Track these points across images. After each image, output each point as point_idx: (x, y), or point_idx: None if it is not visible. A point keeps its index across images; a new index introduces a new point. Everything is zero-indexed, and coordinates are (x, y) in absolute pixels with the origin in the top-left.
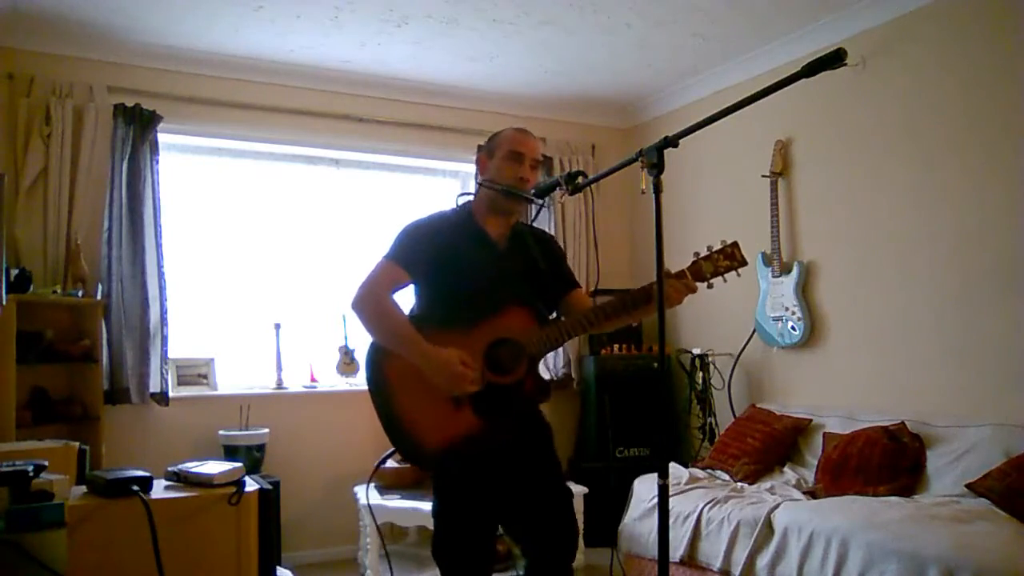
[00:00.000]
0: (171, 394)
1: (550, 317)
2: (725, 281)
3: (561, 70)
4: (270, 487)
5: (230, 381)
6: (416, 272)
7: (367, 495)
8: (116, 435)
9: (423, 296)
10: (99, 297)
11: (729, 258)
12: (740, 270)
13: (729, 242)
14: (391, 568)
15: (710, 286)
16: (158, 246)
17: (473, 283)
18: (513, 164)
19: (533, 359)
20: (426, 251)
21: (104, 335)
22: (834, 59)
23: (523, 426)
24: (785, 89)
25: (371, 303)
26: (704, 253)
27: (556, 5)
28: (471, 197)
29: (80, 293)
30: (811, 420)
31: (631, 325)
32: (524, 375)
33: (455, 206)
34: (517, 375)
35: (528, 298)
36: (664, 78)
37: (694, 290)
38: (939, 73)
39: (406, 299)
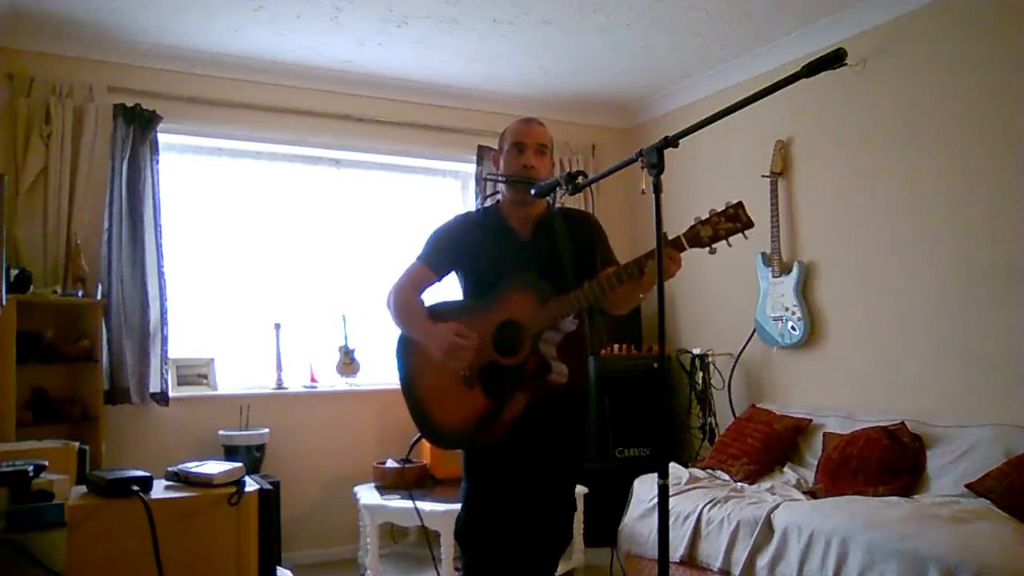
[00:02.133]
0: (171, 394)
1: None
2: (730, 245)
3: (561, 70)
4: (270, 487)
5: (230, 381)
6: (442, 269)
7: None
8: (116, 435)
9: (461, 289)
10: (99, 297)
11: (732, 219)
12: (747, 233)
13: (733, 202)
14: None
15: (712, 251)
16: (158, 246)
17: (491, 273)
18: (516, 154)
19: (535, 339)
20: (449, 249)
21: (104, 335)
22: (834, 59)
23: (541, 411)
24: (785, 89)
25: (396, 300)
26: (704, 216)
27: (556, 5)
28: (499, 196)
29: (80, 293)
30: (811, 420)
31: (636, 305)
32: (527, 355)
33: (484, 205)
34: (520, 355)
35: (532, 281)
36: (664, 78)
37: (677, 256)
38: (939, 73)
39: (451, 293)
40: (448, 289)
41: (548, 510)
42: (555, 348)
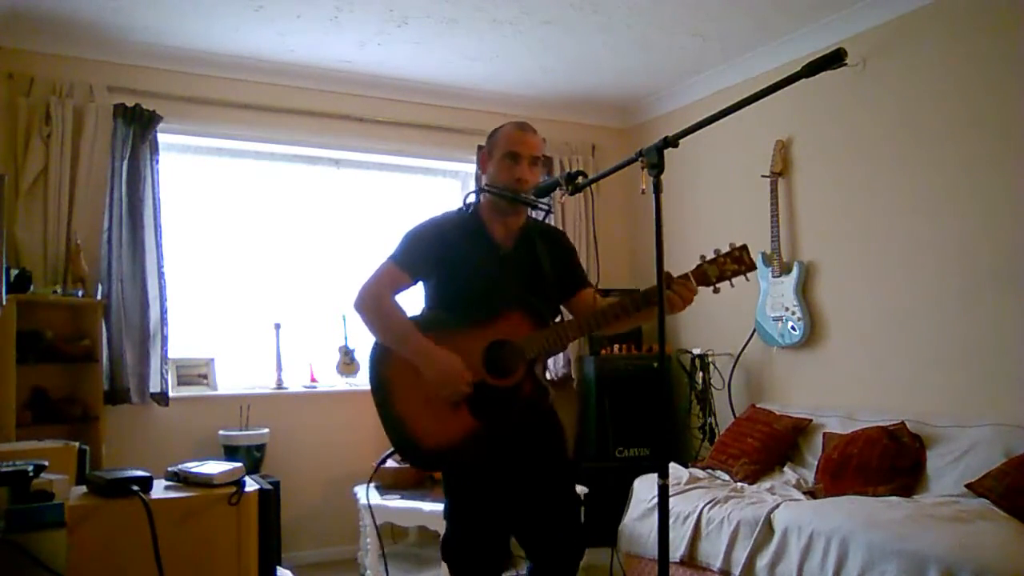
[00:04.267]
0: (171, 394)
1: (555, 320)
2: (732, 286)
3: (561, 70)
4: (270, 487)
5: (230, 381)
6: (418, 274)
7: (367, 495)
8: (116, 435)
9: (428, 297)
10: (99, 297)
11: (737, 262)
12: (748, 274)
13: (738, 245)
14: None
15: (716, 291)
16: (158, 246)
17: (474, 286)
18: (510, 165)
19: (531, 362)
20: (428, 254)
21: (104, 335)
22: (834, 59)
23: (528, 428)
24: (785, 89)
25: (372, 304)
26: (710, 256)
27: (556, 5)
28: (477, 198)
29: (80, 293)
30: (811, 420)
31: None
32: (522, 378)
33: (462, 207)
34: (515, 378)
35: (528, 301)
36: (664, 78)
37: (692, 295)
38: (939, 73)
39: (413, 300)
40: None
41: (550, 518)
42: (543, 370)
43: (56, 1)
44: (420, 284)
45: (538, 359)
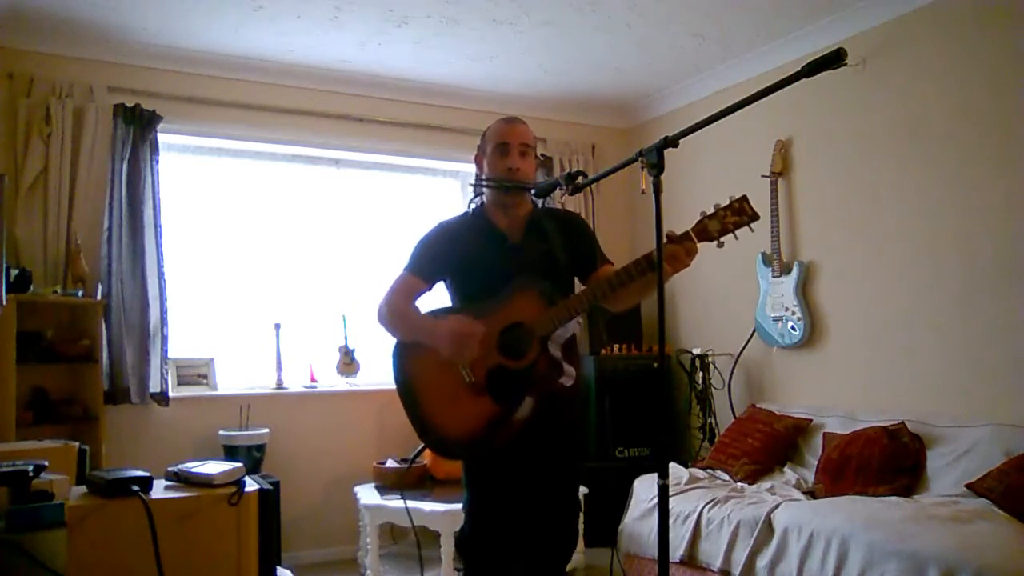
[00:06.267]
0: (171, 394)
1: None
2: (736, 238)
3: (561, 70)
4: (270, 487)
5: (230, 381)
6: (432, 277)
7: (402, 499)
8: (116, 435)
9: (450, 297)
10: (99, 297)
11: (738, 213)
12: (753, 226)
13: (737, 196)
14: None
15: (720, 244)
16: (158, 246)
17: (485, 278)
18: (501, 157)
19: (544, 341)
20: (438, 257)
21: (104, 335)
22: (834, 59)
23: (547, 417)
24: (785, 89)
25: (388, 311)
26: (710, 211)
27: (556, 5)
28: (482, 199)
29: (80, 293)
30: (811, 420)
31: (638, 303)
32: (536, 357)
33: (468, 208)
34: (529, 358)
35: (538, 283)
36: (664, 78)
37: (694, 251)
38: (939, 73)
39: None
40: (437, 298)
41: (555, 514)
42: (560, 350)
43: (56, 1)
44: (442, 286)
45: (550, 336)
